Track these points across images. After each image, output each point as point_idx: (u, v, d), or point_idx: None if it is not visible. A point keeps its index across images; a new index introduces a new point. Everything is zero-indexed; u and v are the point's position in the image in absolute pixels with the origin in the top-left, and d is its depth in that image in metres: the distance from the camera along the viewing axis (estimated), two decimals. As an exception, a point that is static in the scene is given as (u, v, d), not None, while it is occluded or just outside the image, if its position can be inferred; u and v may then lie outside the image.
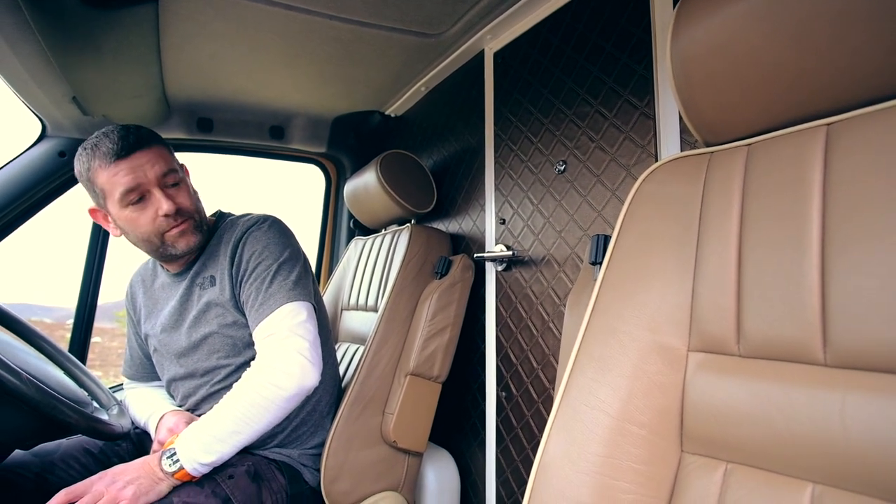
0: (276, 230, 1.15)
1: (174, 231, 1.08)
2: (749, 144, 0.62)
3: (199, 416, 1.15)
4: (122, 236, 1.12)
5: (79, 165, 1.06)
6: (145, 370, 1.31)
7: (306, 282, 1.13)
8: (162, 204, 1.04)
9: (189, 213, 1.10)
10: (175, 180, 1.08)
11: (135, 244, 1.12)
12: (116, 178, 1.02)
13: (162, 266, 1.23)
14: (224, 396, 1.01)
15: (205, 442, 0.95)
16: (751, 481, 0.54)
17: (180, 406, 1.21)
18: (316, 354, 1.04)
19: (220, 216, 1.25)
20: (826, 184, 0.53)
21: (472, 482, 1.46)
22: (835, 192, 0.52)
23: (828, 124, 0.55)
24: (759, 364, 0.55)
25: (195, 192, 1.16)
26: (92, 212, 1.12)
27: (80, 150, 1.06)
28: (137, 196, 1.04)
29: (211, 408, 1.01)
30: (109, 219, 1.10)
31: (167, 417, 1.13)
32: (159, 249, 1.10)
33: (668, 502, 0.60)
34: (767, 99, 0.58)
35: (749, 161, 0.60)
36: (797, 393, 0.51)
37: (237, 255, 1.12)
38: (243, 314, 1.12)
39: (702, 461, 0.59)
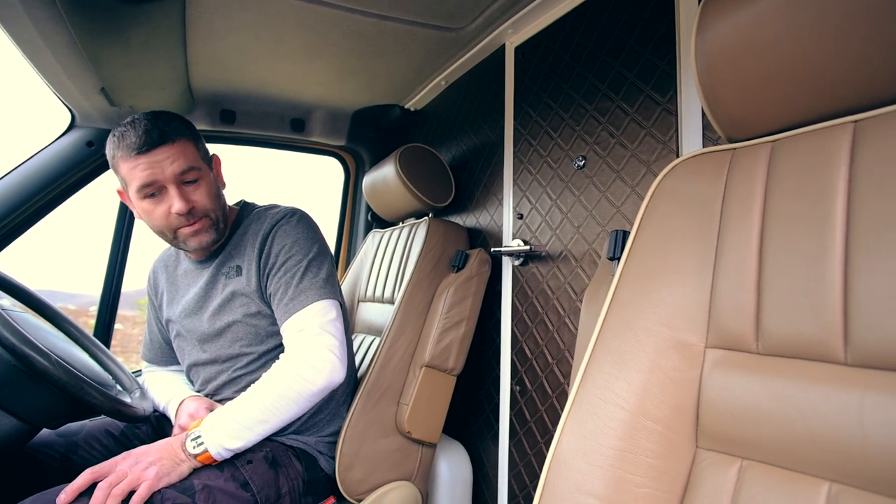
0: (304, 225, 1.17)
1: (186, 230, 1.10)
2: (773, 141, 0.61)
3: (219, 401, 1.18)
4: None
5: (108, 151, 1.09)
6: (164, 354, 1.34)
7: (334, 279, 1.16)
8: (174, 202, 1.05)
9: (204, 212, 1.10)
10: (194, 177, 1.08)
11: (152, 233, 1.16)
12: (134, 171, 1.04)
13: (185, 253, 1.25)
14: (252, 386, 1.03)
15: (231, 428, 0.98)
16: (766, 478, 0.54)
17: (200, 391, 1.24)
18: (343, 352, 1.07)
19: (244, 206, 1.26)
20: (851, 181, 0.52)
21: (485, 475, 1.46)
22: (860, 189, 0.51)
23: (855, 121, 0.54)
24: (777, 362, 0.55)
25: (218, 188, 1.16)
26: (120, 192, 1.15)
27: (110, 136, 1.08)
28: (153, 191, 1.06)
29: (231, 393, 1.04)
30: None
31: (188, 403, 1.16)
32: (172, 243, 1.15)
33: (682, 497, 0.60)
34: (794, 94, 0.58)
35: (773, 158, 0.60)
36: (815, 391, 0.51)
37: (266, 248, 1.13)
38: (268, 305, 1.14)
39: (717, 457, 0.59)
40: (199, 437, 0.97)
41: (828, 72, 0.54)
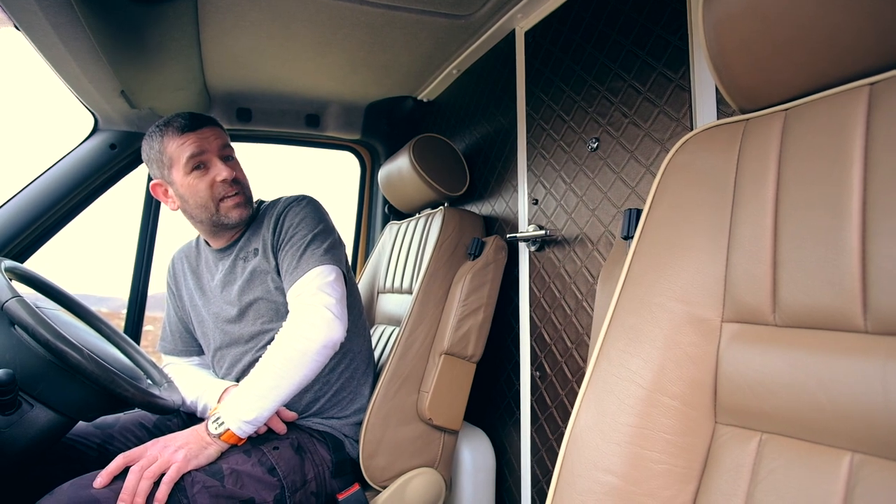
0: (312, 206, 1.27)
1: (229, 201, 1.20)
2: (787, 109, 0.60)
3: None
4: (179, 209, 1.24)
5: (148, 144, 1.21)
6: (184, 344, 1.38)
7: (336, 251, 1.22)
8: (221, 171, 1.18)
9: (243, 186, 1.24)
10: (231, 154, 1.24)
11: (190, 215, 1.24)
12: (184, 146, 1.17)
13: (206, 243, 1.32)
14: (260, 358, 1.08)
15: (246, 401, 1.02)
16: (787, 451, 0.53)
17: (226, 376, 1.28)
18: (341, 310, 1.12)
19: (260, 202, 1.35)
20: (868, 146, 0.51)
21: (508, 461, 1.47)
22: (877, 153, 0.50)
23: (871, 84, 0.52)
24: (795, 333, 0.54)
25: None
26: (154, 187, 1.25)
27: (148, 133, 1.22)
28: (200, 162, 1.18)
29: None
30: (170, 191, 1.23)
31: (232, 390, 1.19)
32: (213, 217, 1.21)
33: (701, 472, 0.60)
34: (805, 60, 0.56)
35: (786, 126, 0.59)
36: (836, 361, 0.50)
37: (278, 227, 1.23)
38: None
39: (736, 432, 0.58)
40: (218, 417, 1.01)
41: (840, 36, 0.53)
